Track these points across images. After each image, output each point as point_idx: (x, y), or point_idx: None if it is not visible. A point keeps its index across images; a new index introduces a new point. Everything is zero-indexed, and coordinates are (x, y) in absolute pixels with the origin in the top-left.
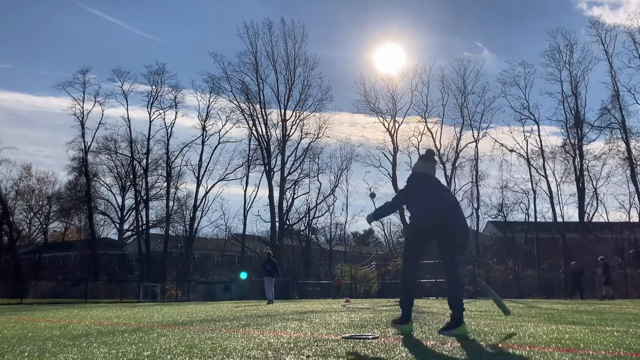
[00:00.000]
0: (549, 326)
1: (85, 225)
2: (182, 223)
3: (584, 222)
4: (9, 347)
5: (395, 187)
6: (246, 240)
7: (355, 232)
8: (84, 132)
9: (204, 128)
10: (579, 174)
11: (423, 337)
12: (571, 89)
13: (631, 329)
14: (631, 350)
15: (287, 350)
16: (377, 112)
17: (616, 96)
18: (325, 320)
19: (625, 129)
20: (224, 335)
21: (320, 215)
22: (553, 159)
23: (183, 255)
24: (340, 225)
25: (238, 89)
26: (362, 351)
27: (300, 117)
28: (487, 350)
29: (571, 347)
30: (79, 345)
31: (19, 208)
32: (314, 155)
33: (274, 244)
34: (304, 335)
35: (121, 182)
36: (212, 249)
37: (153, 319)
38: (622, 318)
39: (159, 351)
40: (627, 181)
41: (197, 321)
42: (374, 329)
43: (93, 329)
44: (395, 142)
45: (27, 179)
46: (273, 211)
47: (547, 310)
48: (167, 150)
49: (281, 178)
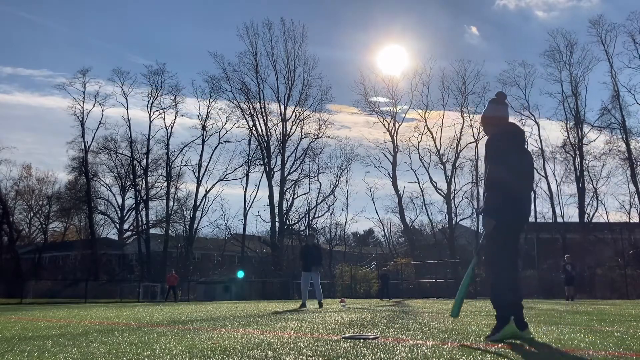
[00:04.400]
0: (549, 327)
1: (85, 225)
2: (182, 223)
3: (584, 222)
4: (9, 347)
5: (395, 187)
6: (246, 240)
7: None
8: (84, 132)
9: (204, 128)
10: (579, 174)
11: (423, 337)
12: (571, 89)
13: (631, 330)
14: (631, 350)
15: (287, 350)
16: (378, 112)
17: (616, 96)
18: (325, 320)
19: (625, 129)
20: (224, 335)
21: (320, 216)
22: (553, 159)
23: (183, 255)
24: (340, 225)
25: (238, 89)
26: (362, 351)
27: (300, 116)
28: (487, 351)
29: (571, 348)
30: (79, 345)
31: (19, 208)
32: (314, 156)
33: (274, 244)
34: (304, 335)
35: (121, 182)
36: (212, 249)
37: (153, 319)
38: (622, 319)
39: (159, 351)
40: (627, 181)
41: (197, 321)
42: (374, 329)
43: (93, 329)
44: (395, 142)
45: (27, 178)
46: (273, 211)
47: (547, 311)
48: (167, 150)
49: (281, 178)
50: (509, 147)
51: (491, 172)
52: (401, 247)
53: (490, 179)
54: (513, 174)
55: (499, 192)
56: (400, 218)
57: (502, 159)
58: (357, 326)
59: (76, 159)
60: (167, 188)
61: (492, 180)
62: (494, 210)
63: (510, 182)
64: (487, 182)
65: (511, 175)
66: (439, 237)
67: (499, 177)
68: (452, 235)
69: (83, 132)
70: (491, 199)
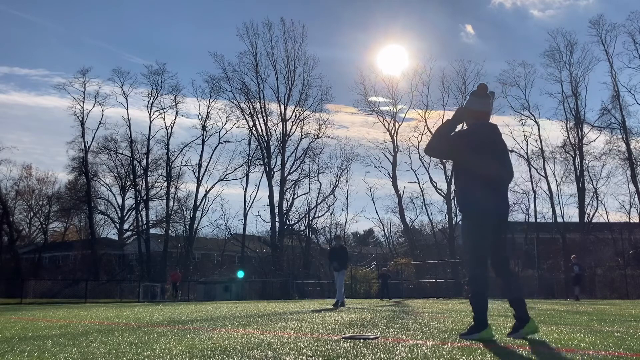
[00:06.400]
0: (549, 327)
1: (85, 225)
2: (182, 223)
3: (584, 222)
4: (9, 347)
5: (395, 187)
6: (246, 240)
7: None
8: (84, 132)
9: (204, 128)
10: (579, 174)
11: (423, 337)
12: (571, 89)
13: (631, 330)
14: (631, 350)
15: (287, 350)
16: (377, 112)
17: (616, 96)
18: (325, 320)
19: (625, 129)
20: (224, 335)
21: (320, 216)
22: (553, 159)
23: (183, 255)
24: (340, 226)
25: (238, 89)
26: (362, 351)
27: (300, 116)
28: (487, 351)
29: (571, 348)
30: (79, 345)
31: (19, 208)
32: (314, 156)
33: (274, 244)
34: (304, 335)
35: (121, 182)
36: (212, 249)
37: (153, 319)
38: (622, 319)
39: (159, 351)
40: (627, 181)
41: (197, 321)
42: (374, 329)
43: (93, 329)
44: (395, 142)
45: (27, 178)
46: (273, 211)
47: (547, 311)
48: (167, 150)
49: (281, 178)
50: (480, 147)
51: (458, 164)
52: (401, 247)
53: (458, 172)
54: (482, 170)
55: (469, 182)
56: (400, 218)
57: (475, 157)
58: (357, 326)
59: (76, 159)
60: (167, 188)
61: (460, 173)
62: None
63: (479, 177)
64: (455, 174)
65: (480, 171)
66: (439, 237)
67: (467, 169)
68: (452, 235)
69: (83, 132)
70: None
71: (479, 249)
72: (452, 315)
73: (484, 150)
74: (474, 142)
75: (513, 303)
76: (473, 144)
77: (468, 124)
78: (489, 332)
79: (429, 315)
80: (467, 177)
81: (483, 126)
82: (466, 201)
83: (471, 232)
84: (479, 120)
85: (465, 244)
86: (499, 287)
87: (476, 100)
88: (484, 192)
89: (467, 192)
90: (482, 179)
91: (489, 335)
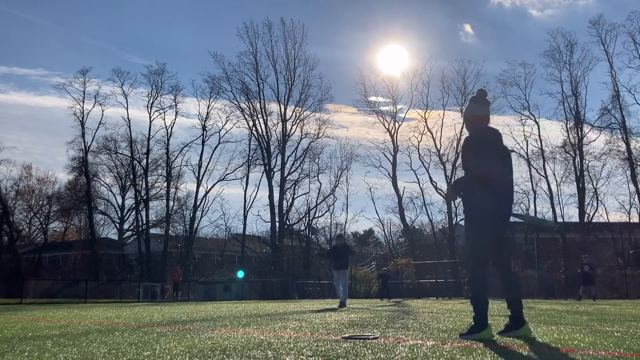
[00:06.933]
0: (549, 327)
1: (85, 225)
2: (182, 223)
3: (584, 222)
4: (9, 347)
5: (395, 187)
6: (246, 240)
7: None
8: (84, 132)
9: (204, 128)
10: (579, 174)
11: (423, 337)
12: (571, 89)
13: (631, 330)
14: (631, 350)
15: (287, 350)
16: (377, 112)
17: (616, 96)
18: (325, 320)
19: (625, 129)
20: (224, 335)
21: (320, 216)
22: (553, 159)
23: (183, 255)
24: (340, 226)
25: (238, 89)
26: (362, 351)
27: (300, 116)
28: (487, 351)
29: (571, 348)
30: (79, 345)
31: (19, 208)
32: (314, 156)
33: (274, 244)
34: (304, 335)
35: (121, 182)
36: (212, 249)
37: (153, 319)
38: (622, 319)
39: (159, 351)
40: (627, 181)
41: (197, 321)
42: (374, 329)
43: (93, 329)
44: (395, 142)
45: (27, 178)
46: (273, 211)
47: (547, 311)
48: (167, 150)
49: (281, 178)
50: (482, 148)
51: (467, 169)
52: (401, 247)
53: (466, 176)
54: (487, 171)
55: (472, 179)
56: (400, 218)
57: (477, 157)
58: (357, 326)
59: (76, 159)
60: (167, 188)
61: (469, 176)
62: (459, 189)
63: (484, 178)
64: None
65: (486, 172)
66: (439, 237)
67: (476, 173)
68: (452, 235)
69: (83, 132)
70: (462, 181)
71: (479, 249)
72: (452, 315)
73: (484, 150)
74: (475, 142)
75: (510, 303)
76: (474, 145)
77: (469, 130)
78: (489, 332)
79: (429, 315)
80: (468, 177)
81: (484, 129)
82: (467, 201)
83: (472, 232)
84: (479, 125)
85: (467, 243)
86: (499, 287)
87: (476, 105)
88: (485, 192)
89: (468, 192)
90: (482, 179)
91: (489, 335)
